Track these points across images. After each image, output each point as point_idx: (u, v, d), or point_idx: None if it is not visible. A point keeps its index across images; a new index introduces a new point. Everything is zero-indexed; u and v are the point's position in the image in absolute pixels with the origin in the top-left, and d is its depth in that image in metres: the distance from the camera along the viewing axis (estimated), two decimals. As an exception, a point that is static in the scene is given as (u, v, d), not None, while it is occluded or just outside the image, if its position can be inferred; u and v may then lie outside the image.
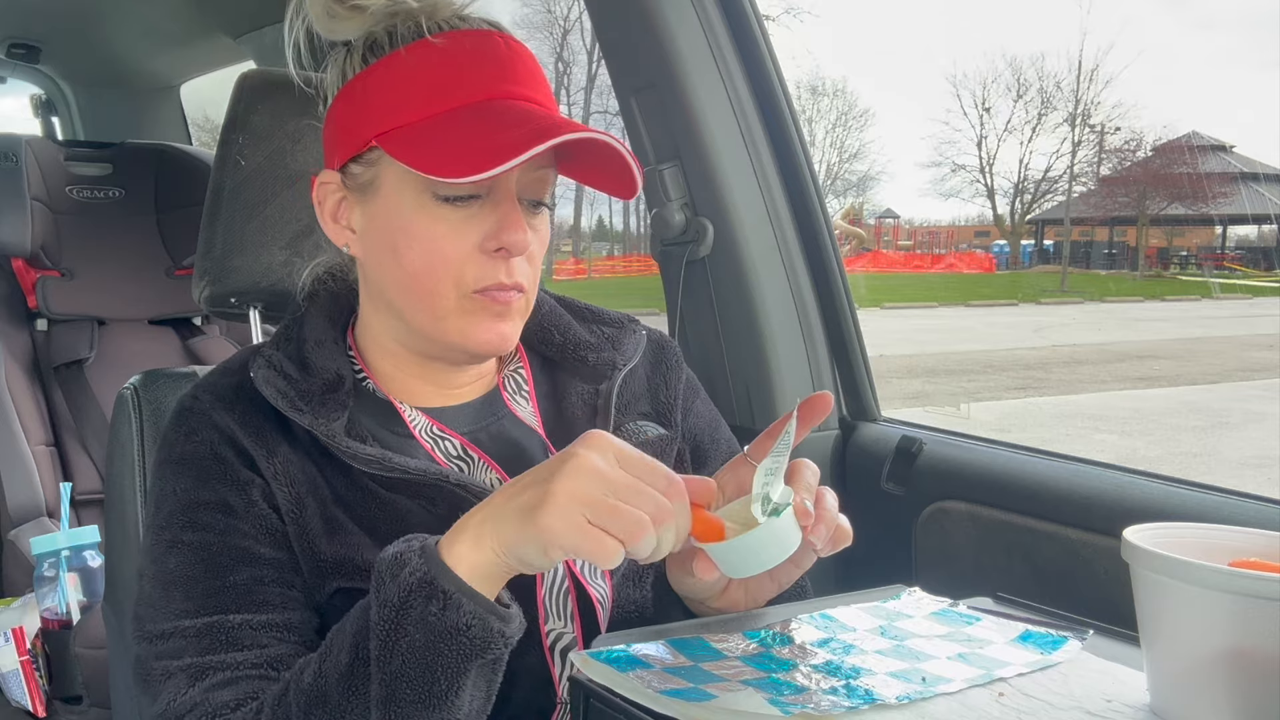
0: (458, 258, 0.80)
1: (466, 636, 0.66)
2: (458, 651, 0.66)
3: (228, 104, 1.16)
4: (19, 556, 2.01)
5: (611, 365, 0.93)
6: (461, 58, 0.80)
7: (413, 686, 0.67)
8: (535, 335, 0.95)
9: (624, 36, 1.51)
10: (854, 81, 30.34)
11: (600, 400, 0.92)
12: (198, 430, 0.82)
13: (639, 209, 19.95)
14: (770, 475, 0.69)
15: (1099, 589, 1.11)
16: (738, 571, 0.70)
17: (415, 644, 0.66)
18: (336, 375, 0.85)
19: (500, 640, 0.67)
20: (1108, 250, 17.52)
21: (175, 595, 0.78)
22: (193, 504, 0.80)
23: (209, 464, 0.81)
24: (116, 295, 2.34)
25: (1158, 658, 0.61)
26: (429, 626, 0.66)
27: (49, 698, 1.83)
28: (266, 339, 0.92)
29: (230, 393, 0.84)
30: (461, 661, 0.66)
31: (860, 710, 0.59)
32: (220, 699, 0.74)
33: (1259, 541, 0.63)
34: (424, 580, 0.66)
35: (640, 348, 0.97)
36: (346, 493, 0.82)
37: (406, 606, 0.66)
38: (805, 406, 0.74)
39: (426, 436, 0.87)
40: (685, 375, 1.01)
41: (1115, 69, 21.88)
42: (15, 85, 3.04)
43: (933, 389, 8.43)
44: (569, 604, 0.83)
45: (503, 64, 0.80)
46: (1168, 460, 5.80)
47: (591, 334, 0.96)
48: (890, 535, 1.37)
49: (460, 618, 0.66)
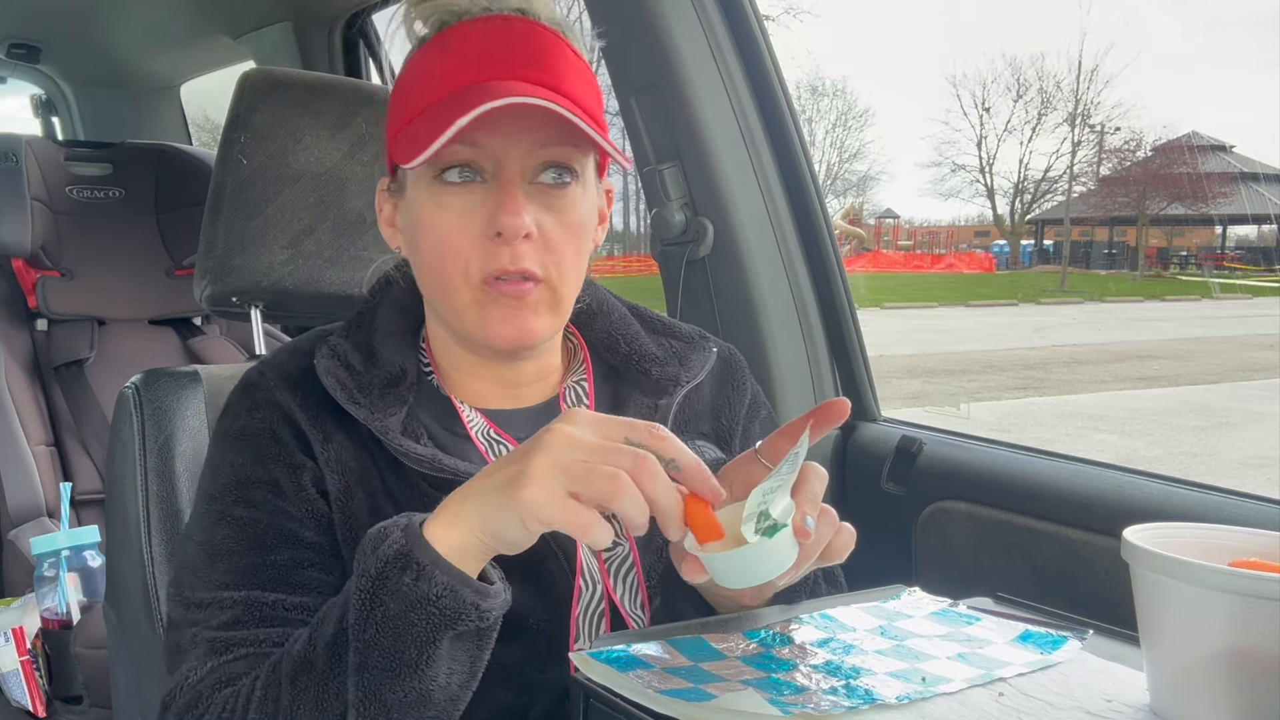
0: (464, 246, 0.79)
1: (436, 606, 0.66)
2: (428, 621, 0.67)
3: (230, 103, 1.16)
4: (19, 556, 2.01)
5: (674, 381, 0.91)
6: (462, 46, 0.80)
7: (384, 655, 0.67)
8: (602, 343, 0.94)
9: (624, 36, 1.51)
10: (854, 81, 30.34)
11: (658, 416, 0.90)
12: (260, 407, 0.83)
13: (639, 209, 19.91)
14: (770, 494, 0.68)
15: (1099, 589, 1.11)
16: (727, 581, 0.69)
17: (389, 613, 0.67)
18: (400, 369, 0.85)
19: (473, 612, 0.67)
20: (1108, 250, 17.54)
21: (219, 566, 0.80)
22: (246, 480, 0.81)
23: (265, 442, 0.82)
24: (116, 295, 2.34)
25: (1158, 658, 0.61)
26: (402, 596, 0.67)
27: (49, 698, 1.83)
28: (338, 324, 0.91)
29: (296, 374, 0.85)
30: (431, 631, 0.67)
31: (860, 710, 0.59)
32: (234, 670, 0.76)
33: (1259, 541, 0.63)
34: (401, 552, 0.67)
35: (707, 366, 0.94)
36: (396, 487, 0.82)
37: (383, 577, 0.67)
38: (822, 411, 0.73)
39: (483, 439, 0.86)
40: (750, 396, 0.98)
41: (1115, 69, 21.88)
42: (15, 85, 3.04)
43: (932, 389, 8.43)
44: (601, 626, 0.83)
45: (496, 48, 0.79)
46: (1168, 460, 5.80)
47: (659, 347, 0.94)
48: (890, 535, 1.37)
49: (432, 588, 0.66)
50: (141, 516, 1.02)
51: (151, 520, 1.02)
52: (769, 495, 0.67)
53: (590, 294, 0.95)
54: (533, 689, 0.80)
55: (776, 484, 0.67)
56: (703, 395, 0.95)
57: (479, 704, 0.79)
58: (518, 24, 0.80)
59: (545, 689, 0.80)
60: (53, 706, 1.84)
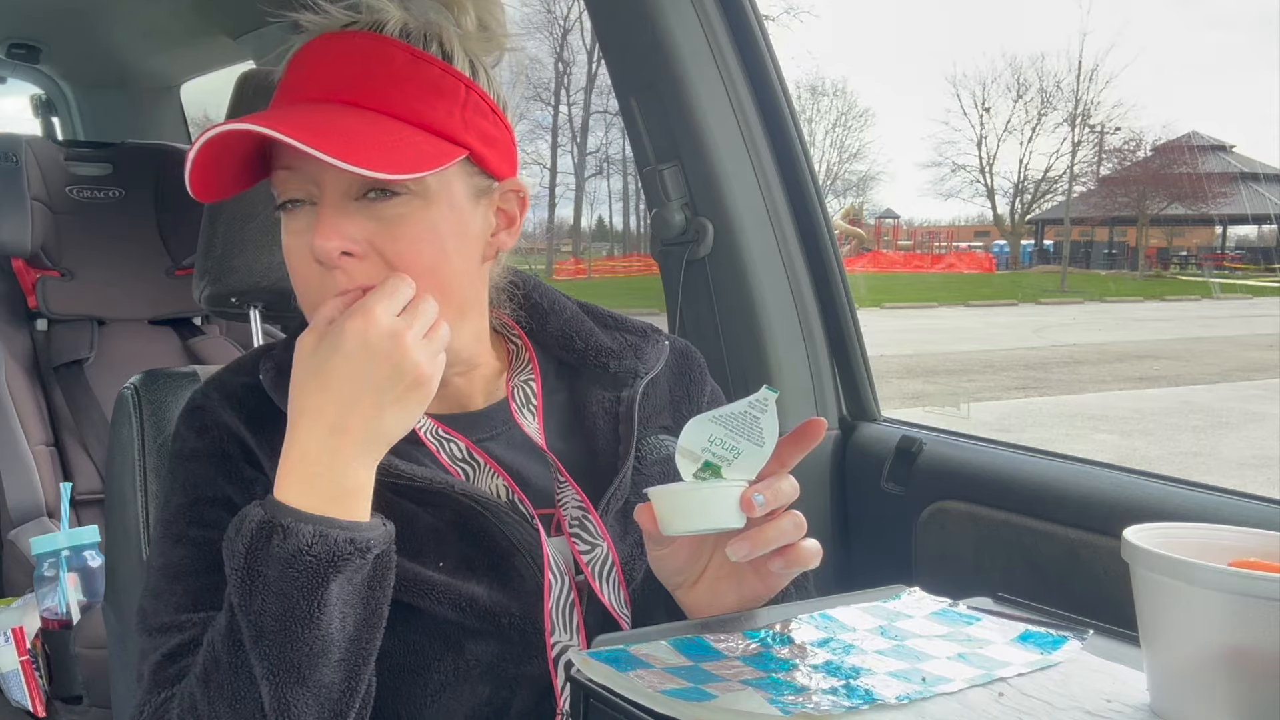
0: (309, 274, 0.79)
1: (311, 554, 0.69)
2: (308, 571, 0.69)
3: (228, 104, 1.16)
4: (19, 556, 2.01)
5: (633, 373, 0.93)
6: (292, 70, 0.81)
7: (275, 617, 0.70)
8: (556, 341, 0.95)
9: (624, 36, 1.51)
10: (854, 81, 30.33)
11: (622, 408, 0.91)
12: (208, 428, 0.84)
13: (639, 209, 19.94)
14: (721, 446, 0.73)
15: (1099, 589, 1.11)
16: (667, 525, 0.73)
17: (269, 579, 0.70)
18: None
19: (351, 549, 0.70)
20: (1108, 250, 17.54)
21: (177, 589, 0.80)
22: (199, 500, 0.82)
23: (215, 461, 0.82)
24: (116, 295, 2.34)
25: (1158, 658, 0.61)
26: (275, 559, 0.70)
27: (49, 698, 1.83)
28: (278, 340, 0.92)
29: (240, 392, 0.85)
30: (314, 579, 0.69)
31: (860, 710, 0.59)
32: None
33: (1259, 541, 0.63)
34: (264, 522, 0.70)
35: (663, 358, 0.96)
36: None
37: (253, 551, 0.70)
38: (800, 431, 0.75)
39: (432, 438, 0.86)
40: (709, 389, 0.99)
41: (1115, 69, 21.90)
42: (15, 85, 3.04)
43: (933, 389, 8.43)
44: (574, 617, 0.83)
45: (296, 72, 0.80)
46: (1167, 460, 5.80)
47: (614, 341, 0.95)
48: (890, 535, 1.37)
49: (300, 540, 0.69)
50: (141, 516, 1.02)
51: (151, 520, 1.02)
52: (720, 446, 0.73)
53: (540, 294, 0.96)
54: (513, 683, 0.81)
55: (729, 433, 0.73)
56: (660, 389, 0.96)
57: (461, 699, 0.80)
58: (357, 41, 0.79)
59: (525, 682, 0.81)
60: (53, 706, 1.84)
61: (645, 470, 0.89)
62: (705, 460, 0.73)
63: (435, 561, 0.81)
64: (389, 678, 0.79)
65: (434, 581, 0.80)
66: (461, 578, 0.81)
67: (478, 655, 0.80)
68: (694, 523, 0.73)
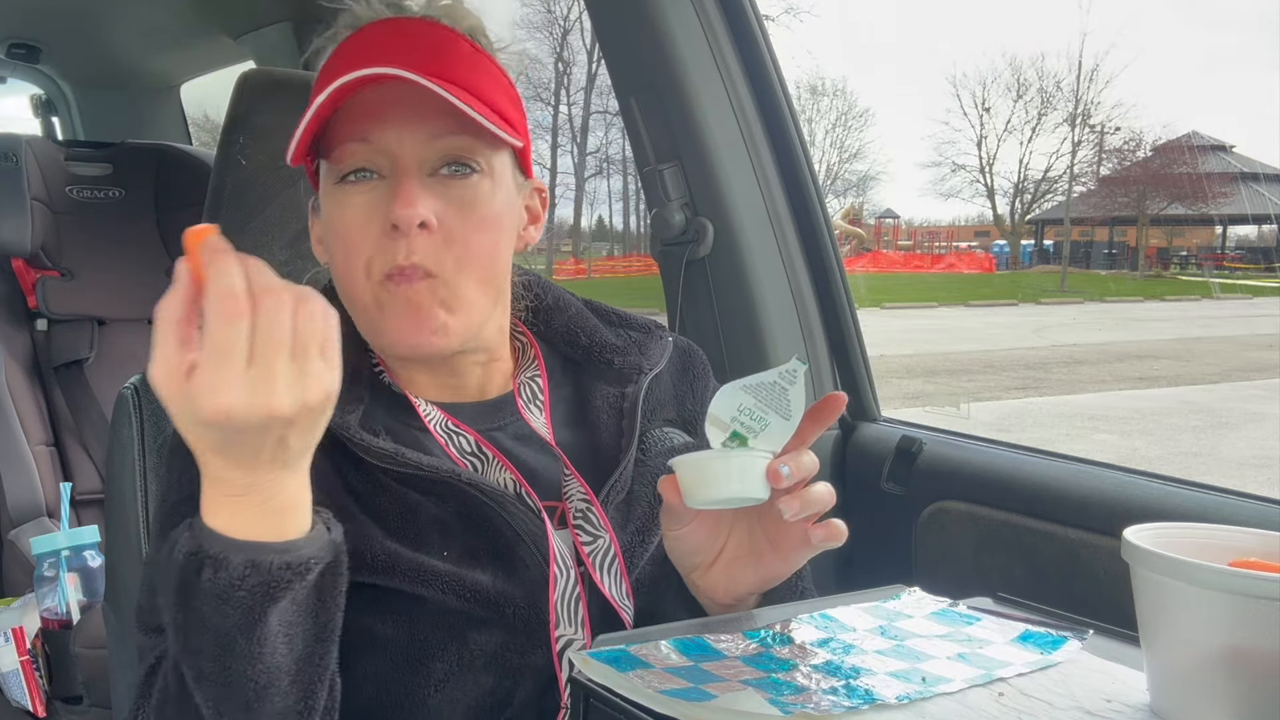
0: (365, 245, 0.80)
1: (244, 589, 0.63)
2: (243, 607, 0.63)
3: (229, 104, 1.16)
4: (19, 556, 2.01)
5: (637, 369, 0.93)
6: (358, 43, 0.81)
7: (212, 659, 0.65)
8: (561, 337, 0.95)
9: (624, 36, 1.51)
10: (854, 81, 30.33)
11: (626, 404, 0.91)
12: None
13: (639, 209, 19.95)
14: (750, 417, 0.72)
15: (1099, 589, 1.11)
16: (691, 496, 0.73)
17: (205, 616, 0.64)
18: (354, 368, 0.85)
19: (288, 574, 0.64)
20: (1108, 250, 17.54)
21: None
22: (194, 497, 0.80)
23: None
24: (116, 295, 2.34)
25: (1158, 658, 0.61)
26: (207, 594, 0.63)
27: (49, 698, 1.83)
28: None
29: None
30: (250, 615, 0.64)
31: (860, 710, 0.59)
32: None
33: (1259, 541, 0.63)
34: (191, 553, 0.63)
35: (666, 354, 0.96)
36: (358, 483, 0.82)
37: (184, 586, 0.64)
38: (820, 407, 0.75)
39: (441, 431, 0.86)
40: (712, 385, 1.00)
41: (1115, 69, 21.90)
42: (15, 85, 3.04)
43: (933, 389, 8.43)
44: (579, 610, 0.83)
45: (390, 44, 0.80)
46: (1167, 460, 5.81)
47: (618, 337, 0.96)
48: (890, 535, 1.37)
49: (231, 573, 0.63)
50: (141, 516, 1.02)
51: (151, 520, 1.02)
52: (750, 418, 0.72)
53: (545, 291, 0.97)
54: (516, 673, 0.81)
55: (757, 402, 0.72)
56: (664, 384, 0.96)
57: (465, 689, 0.80)
58: (423, 25, 0.81)
59: (528, 673, 0.81)
60: (53, 706, 1.84)
61: (650, 461, 0.90)
62: (734, 430, 0.73)
63: (440, 551, 0.81)
64: (393, 668, 0.79)
65: (439, 570, 0.79)
66: (466, 566, 0.81)
67: (481, 645, 0.80)
68: (721, 490, 0.72)
